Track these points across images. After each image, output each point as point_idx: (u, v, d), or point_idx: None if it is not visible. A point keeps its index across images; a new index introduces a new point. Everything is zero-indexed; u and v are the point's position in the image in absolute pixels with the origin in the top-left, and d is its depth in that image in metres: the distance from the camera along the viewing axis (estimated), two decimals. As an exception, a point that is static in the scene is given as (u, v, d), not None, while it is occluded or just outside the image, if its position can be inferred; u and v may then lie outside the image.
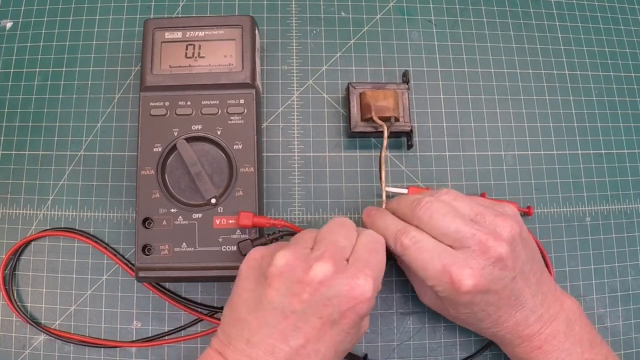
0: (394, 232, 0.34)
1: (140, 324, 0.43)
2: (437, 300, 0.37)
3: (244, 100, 0.41)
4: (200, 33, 0.42)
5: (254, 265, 0.33)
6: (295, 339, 0.30)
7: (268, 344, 0.29)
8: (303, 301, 0.30)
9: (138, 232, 0.39)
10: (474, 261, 0.32)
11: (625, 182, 0.47)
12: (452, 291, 0.32)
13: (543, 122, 0.48)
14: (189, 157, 0.40)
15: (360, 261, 0.32)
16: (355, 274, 0.31)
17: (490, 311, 0.34)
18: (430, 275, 0.33)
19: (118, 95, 0.47)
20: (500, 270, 0.32)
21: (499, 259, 0.32)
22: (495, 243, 0.32)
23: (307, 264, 0.31)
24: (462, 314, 0.35)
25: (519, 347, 0.35)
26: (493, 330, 0.35)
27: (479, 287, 0.32)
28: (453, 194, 0.35)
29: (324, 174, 0.45)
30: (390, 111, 0.42)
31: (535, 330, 0.34)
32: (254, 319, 0.30)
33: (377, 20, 0.49)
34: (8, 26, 0.49)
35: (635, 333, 0.44)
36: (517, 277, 0.33)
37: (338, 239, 0.32)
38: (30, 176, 0.45)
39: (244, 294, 0.32)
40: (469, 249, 0.32)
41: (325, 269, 0.30)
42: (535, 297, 0.34)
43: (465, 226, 0.33)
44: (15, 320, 0.43)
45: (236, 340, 0.30)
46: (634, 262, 0.45)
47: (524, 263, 0.34)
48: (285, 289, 0.30)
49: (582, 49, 0.50)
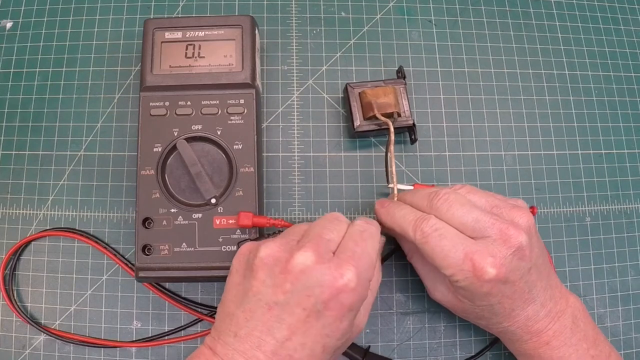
0: (414, 220, 0.34)
1: (140, 324, 0.43)
2: (450, 295, 0.37)
3: (244, 100, 0.41)
4: (200, 33, 0.42)
5: (242, 259, 0.33)
6: (280, 330, 0.29)
7: (254, 336, 0.29)
8: (286, 291, 0.30)
9: (138, 232, 0.39)
10: (495, 250, 0.32)
11: (625, 182, 0.47)
12: (473, 280, 0.32)
13: (543, 122, 0.48)
14: (189, 157, 0.40)
15: (346, 252, 0.31)
16: (339, 264, 0.30)
17: (506, 304, 0.34)
18: (451, 264, 0.32)
19: (118, 95, 0.47)
20: (519, 260, 0.32)
21: (519, 248, 0.32)
22: (515, 232, 0.32)
23: (290, 254, 0.31)
24: (478, 307, 0.35)
25: (528, 342, 0.35)
26: (505, 325, 0.35)
27: (500, 275, 0.32)
28: (467, 188, 0.35)
29: (324, 174, 0.45)
30: (392, 107, 0.42)
31: (544, 326, 0.34)
32: (241, 312, 0.30)
33: (377, 20, 0.49)
34: (8, 26, 0.49)
35: (635, 333, 0.44)
36: (532, 269, 0.33)
37: (325, 231, 0.32)
38: (30, 176, 0.45)
39: (233, 289, 0.32)
40: (490, 238, 0.32)
41: (306, 258, 0.30)
42: (545, 291, 0.34)
43: (484, 216, 0.33)
44: (15, 320, 0.43)
45: (225, 335, 0.30)
46: (634, 262, 0.45)
47: (538, 256, 0.34)
48: (269, 280, 0.30)
49: (582, 49, 0.50)
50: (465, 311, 0.37)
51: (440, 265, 0.33)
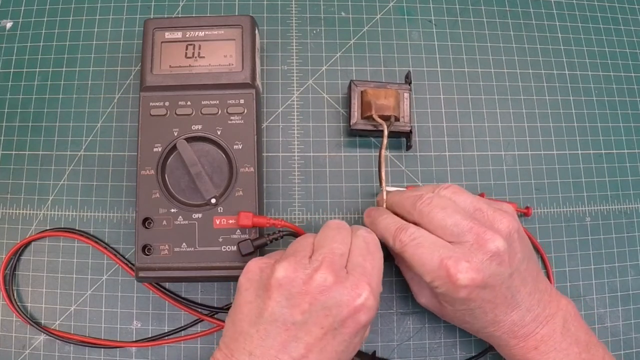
0: (393, 230, 0.34)
1: (140, 324, 0.43)
2: (434, 299, 0.37)
3: (244, 100, 0.41)
4: (200, 33, 0.42)
5: (253, 277, 0.33)
6: (297, 349, 0.30)
7: (270, 355, 0.30)
8: (304, 311, 0.30)
9: (138, 232, 0.39)
10: (471, 255, 0.32)
11: (625, 182, 0.47)
12: (449, 286, 0.32)
13: (543, 122, 0.48)
14: (189, 157, 0.40)
15: (358, 269, 0.32)
16: (355, 284, 0.31)
17: (487, 309, 0.34)
18: (427, 270, 0.33)
19: (118, 95, 0.47)
20: (497, 266, 0.32)
21: (496, 253, 0.32)
22: (492, 236, 0.32)
23: (307, 275, 0.31)
24: (459, 312, 0.35)
25: (515, 348, 0.35)
26: (490, 330, 0.35)
27: (476, 281, 0.32)
28: (453, 189, 0.35)
29: (324, 174, 0.45)
30: (390, 110, 0.42)
31: (531, 330, 0.34)
32: (255, 332, 0.31)
33: (377, 20, 0.49)
34: (8, 26, 0.49)
35: (635, 333, 0.44)
36: (514, 275, 0.33)
37: (335, 245, 0.33)
38: (30, 176, 0.45)
39: (244, 307, 0.32)
40: (467, 242, 0.32)
41: (325, 279, 0.31)
42: (531, 296, 0.34)
43: (463, 220, 0.33)
44: (15, 320, 0.43)
45: (239, 353, 0.30)
46: (634, 262, 0.45)
47: (521, 261, 0.34)
48: (285, 300, 0.31)
49: (582, 49, 0.50)
50: (448, 315, 0.37)
51: (419, 272, 0.33)
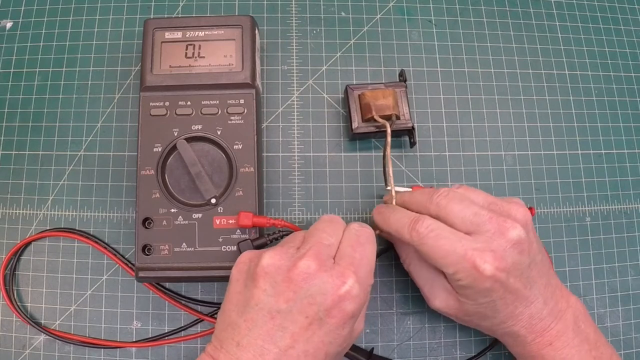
0: (408, 222, 0.34)
1: (140, 324, 0.43)
2: (450, 300, 0.37)
3: (244, 100, 0.41)
4: (200, 33, 0.42)
5: (243, 268, 0.33)
6: (283, 339, 0.30)
7: (257, 345, 0.30)
8: (288, 299, 0.30)
9: (138, 232, 0.39)
10: (494, 244, 0.32)
11: (625, 182, 0.47)
12: (476, 276, 0.32)
13: (543, 122, 0.48)
14: (189, 157, 0.40)
15: (345, 258, 0.32)
16: (341, 272, 0.31)
17: (508, 300, 0.34)
18: (451, 262, 0.33)
19: (118, 95, 0.47)
20: (519, 254, 0.33)
21: (518, 241, 0.33)
22: (512, 224, 0.33)
23: (291, 262, 0.31)
24: (481, 305, 0.35)
25: (532, 343, 0.35)
26: (509, 324, 0.35)
27: (500, 269, 0.32)
28: (465, 187, 0.36)
29: (324, 174, 0.45)
30: (390, 109, 0.42)
31: (547, 325, 0.34)
32: (243, 322, 0.31)
33: (377, 20, 0.49)
34: (8, 26, 0.49)
35: (635, 333, 0.44)
36: (531, 265, 0.34)
37: (324, 236, 0.33)
38: (30, 176, 0.45)
39: (234, 297, 0.32)
40: (488, 232, 0.33)
41: (309, 266, 0.31)
42: (546, 289, 0.35)
43: (482, 210, 0.33)
44: (15, 320, 0.43)
45: (227, 344, 0.30)
46: (634, 262, 0.45)
47: (536, 252, 0.34)
48: (271, 288, 0.31)
49: (582, 49, 0.50)
50: (467, 313, 0.37)
51: (441, 264, 0.33)
